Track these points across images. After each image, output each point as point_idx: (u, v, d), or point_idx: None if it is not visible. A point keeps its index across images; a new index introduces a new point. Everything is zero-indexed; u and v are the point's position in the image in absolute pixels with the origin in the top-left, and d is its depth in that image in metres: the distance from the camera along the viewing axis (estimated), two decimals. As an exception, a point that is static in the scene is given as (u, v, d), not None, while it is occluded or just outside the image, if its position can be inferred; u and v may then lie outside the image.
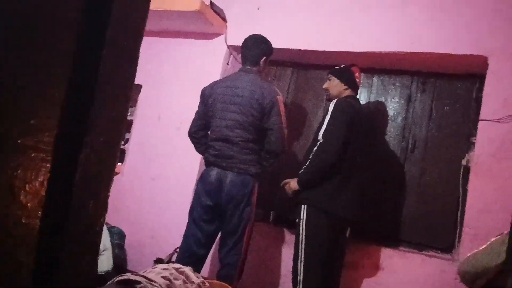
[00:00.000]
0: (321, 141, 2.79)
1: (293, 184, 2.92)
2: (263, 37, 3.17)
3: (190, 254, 3.00)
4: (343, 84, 3.08)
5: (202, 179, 3.06)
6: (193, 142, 3.20)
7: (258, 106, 2.93)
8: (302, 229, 2.81)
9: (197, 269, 3.00)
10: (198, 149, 3.20)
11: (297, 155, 3.75)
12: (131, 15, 0.93)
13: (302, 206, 2.86)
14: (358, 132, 2.91)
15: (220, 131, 2.99)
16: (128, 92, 0.97)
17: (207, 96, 3.10)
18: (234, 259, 2.92)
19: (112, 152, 0.90)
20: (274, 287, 3.49)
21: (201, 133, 3.15)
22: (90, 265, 0.87)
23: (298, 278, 2.73)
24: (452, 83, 3.50)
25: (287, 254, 3.33)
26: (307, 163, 2.83)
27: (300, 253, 2.78)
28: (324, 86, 3.17)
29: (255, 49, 3.10)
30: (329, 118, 2.83)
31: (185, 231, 3.09)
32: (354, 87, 3.12)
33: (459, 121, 3.43)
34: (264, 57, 3.12)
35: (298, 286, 2.73)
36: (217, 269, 3.06)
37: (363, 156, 3.02)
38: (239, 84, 3.00)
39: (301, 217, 2.84)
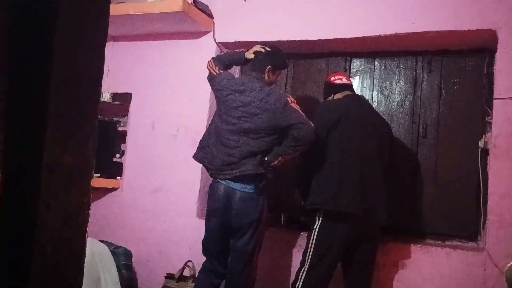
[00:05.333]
0: None
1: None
2: (275, 48, 2.98)
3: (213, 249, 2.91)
4: (329, 98, 3.07)
5: (210, 196, 2.91)
6: None
7: (266, 113, 2.73)
8: (313, 238, 2.72)
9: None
10: None
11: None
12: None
13: (317, 215, 2.75)
14: (352, 127, 2.80)
15: (221, 133, 2.82)
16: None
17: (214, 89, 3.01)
18: (244, 281, 2.80)
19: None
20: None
21: None
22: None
23: (297, 284, 2.71)
24: (460, 60, 3.28)
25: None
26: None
27: (306, 261, 2.72)
28: None
29: (262, 58, 2.90)
30: None
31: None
32: (339, 90, 3.04)
33: (471, 100, 3.22)
34: (270, 66, 2.89)
35: None
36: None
37: (371, 150, 2.83)
38: (246, 90, 2.81)
39: (315, 226, 2.74)
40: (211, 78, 2.99)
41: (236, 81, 2.91)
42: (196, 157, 2.96)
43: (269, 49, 2.92)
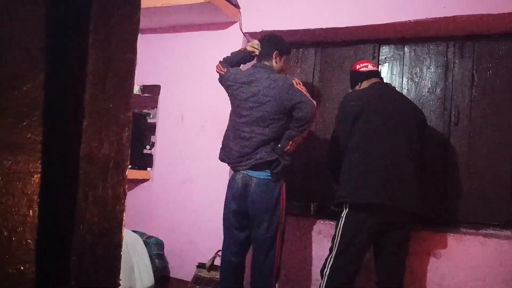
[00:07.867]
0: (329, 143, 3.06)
1: None
2: (277, 36, 3.08)
3: (228, 263, 2.97)
4: (356, 87, 3.05)
5: (229, 184, 2.99)
6: None
7: (273, 99, 2.79)
8: (340, 226, 2.72)
9: (237, 278, 2.97)
10: None
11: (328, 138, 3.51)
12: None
13: (344, 205, 2.74)
14: (377, 117, 2.76)
15: (236, 127, 2.90)
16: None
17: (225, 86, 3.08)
18: (268, 268, 2.83)
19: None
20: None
21: None
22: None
23: (325, 270, 2.73)
24: (492, 45, 3.19)
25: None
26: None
27: (333, 248, 2.73)
28: None
29: (267, 45, 2.98)
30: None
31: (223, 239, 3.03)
32: (366, 77, 3.01)
33: (505, 85, 3.13)
34: (276, 52, 2.95)
35: (323, 279, 2.73)
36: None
37: (398, 138, 2.77)
38: (254, 80, 2.89)
39: (342, 214, 2.74)
40: (221, 79, 3.08)
41: (244, 73, 2.97)
42: (220, 158, 3.07)
43: (270, 38, 3.02)
